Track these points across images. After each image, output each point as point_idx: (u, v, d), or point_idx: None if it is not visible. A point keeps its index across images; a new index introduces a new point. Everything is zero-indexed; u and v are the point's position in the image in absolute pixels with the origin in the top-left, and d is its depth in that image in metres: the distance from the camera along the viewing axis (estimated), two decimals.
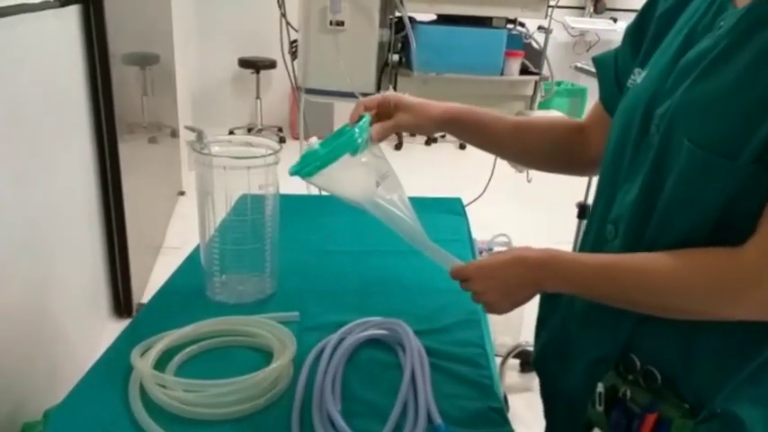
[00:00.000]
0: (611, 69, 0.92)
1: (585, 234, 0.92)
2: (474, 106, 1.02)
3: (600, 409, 0.81)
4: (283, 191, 1.17)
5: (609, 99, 0.93)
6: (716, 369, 0.73)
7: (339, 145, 0.89)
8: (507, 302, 0.84)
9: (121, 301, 2.49)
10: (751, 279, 0.66)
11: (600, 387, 0.81)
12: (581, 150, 0.99)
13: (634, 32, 0.89)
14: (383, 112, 1.00)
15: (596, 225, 0.87)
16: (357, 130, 0.91)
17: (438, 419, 0.85)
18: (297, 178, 0.90)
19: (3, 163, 1.38)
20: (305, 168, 0.88)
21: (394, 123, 0.98)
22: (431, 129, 1.03)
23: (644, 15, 0.88)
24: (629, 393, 0.78)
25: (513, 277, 0.82)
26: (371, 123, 0.96)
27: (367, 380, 0.95)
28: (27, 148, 1.58)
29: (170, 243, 3.20)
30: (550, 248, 0.81)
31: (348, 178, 0.90)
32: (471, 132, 1.03)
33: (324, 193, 0.94)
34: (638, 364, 0.79)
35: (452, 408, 0.89)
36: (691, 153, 0.68)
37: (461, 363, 1.00)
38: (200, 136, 1.09)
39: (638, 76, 0.82)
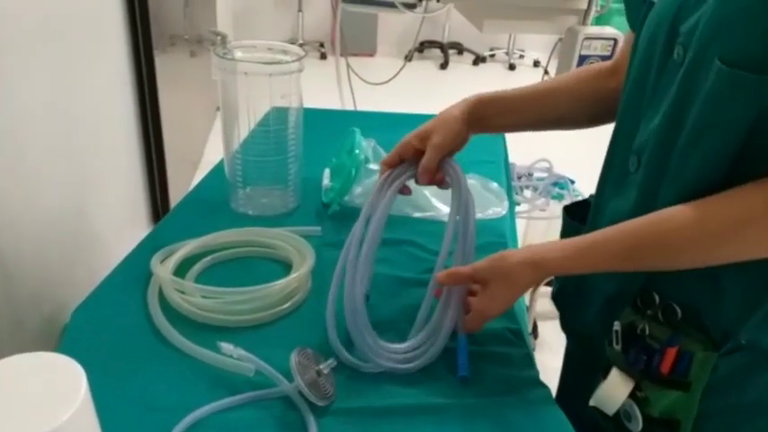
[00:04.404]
0: None
1: (607, 168, 0.84)
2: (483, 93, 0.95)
3: (617, 347, 0.77)
4: (308, 105, 1.14)
5: (635, 21, 0.83)
6: (744, 302, 0.69)
7: (349, 169, 1.11)
8: (505, 307, 0.81)
9: (160, 214, 2.55)
10: None
11: (616, 325, 0.77)
12: (617, 94, 0.87)
13: None
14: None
15: (619, 157, 0.80)
16: (357, 150, 1.13)
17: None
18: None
19: (39, 68, 1.38)
20: (337, 201, 1.13)
21: (436, 151, 0.90)
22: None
23: None
24: (647, 329, 0.74)
25: (526, 281, 0.77)
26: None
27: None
28: (63, 55, 1.57)
29: (209, 158, 3.22)
30: (532, 247, 0.76)
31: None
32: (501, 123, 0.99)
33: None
34: (657, 299, 0.74)
35: None
36: (719, 72, 0.60)
37: None
38: (223, 40, 1.05)
39: None
